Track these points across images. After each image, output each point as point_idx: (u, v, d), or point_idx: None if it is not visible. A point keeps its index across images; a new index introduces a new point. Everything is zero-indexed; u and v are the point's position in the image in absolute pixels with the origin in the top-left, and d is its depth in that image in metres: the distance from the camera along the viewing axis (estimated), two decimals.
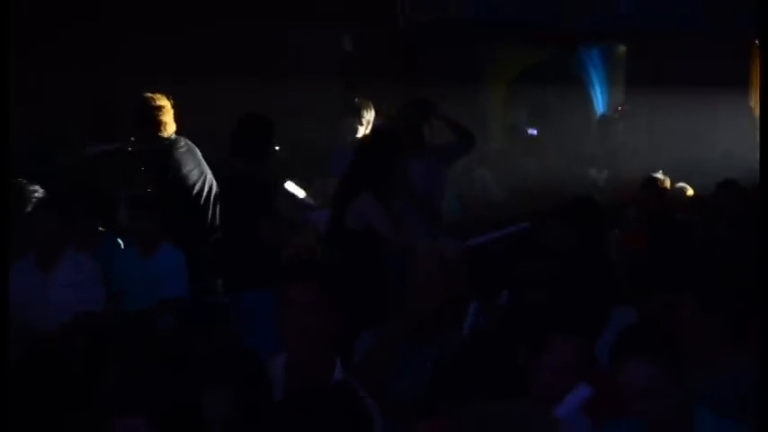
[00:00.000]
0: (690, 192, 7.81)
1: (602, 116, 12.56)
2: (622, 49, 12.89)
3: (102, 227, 6.67)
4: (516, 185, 9.46)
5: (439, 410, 3.39)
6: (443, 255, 4.30)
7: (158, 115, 6.81)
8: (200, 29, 10.63)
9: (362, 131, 7.99)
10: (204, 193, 6.93)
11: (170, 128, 6.87)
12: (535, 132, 11.79)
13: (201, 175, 6.96)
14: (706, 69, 10.89)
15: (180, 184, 6.86)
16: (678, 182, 7.93)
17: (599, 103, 13.61)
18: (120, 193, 7.31)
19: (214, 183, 6.97)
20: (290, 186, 7.29)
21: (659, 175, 7.65)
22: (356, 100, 8.21)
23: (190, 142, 7.00)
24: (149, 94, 6.86)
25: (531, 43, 11.92)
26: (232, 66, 10.56)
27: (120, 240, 6.63)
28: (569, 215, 5.78)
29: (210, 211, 6.90)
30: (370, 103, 8.15)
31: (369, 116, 8.09)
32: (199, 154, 7.03)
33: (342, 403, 2.75)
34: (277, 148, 7.67)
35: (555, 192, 8.66)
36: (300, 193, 7.35)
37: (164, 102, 6.86)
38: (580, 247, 5.50)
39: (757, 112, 11.59)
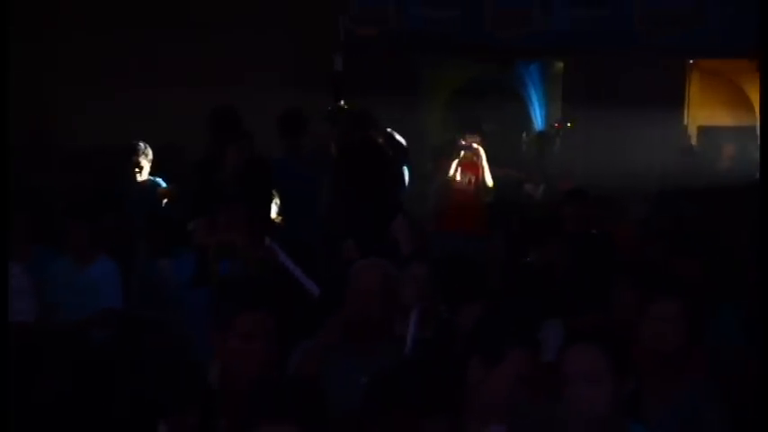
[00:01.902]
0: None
1: (540, 132, 12.69)
2: (559, 65, 13.04)
3: (38, 237, 6.57)
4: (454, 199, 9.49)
5: (372, 426, 3.37)
6: (382, 269, 4.33)
7: None
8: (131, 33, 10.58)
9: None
10: None
11: None
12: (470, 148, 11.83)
13: None
14: (641, 86, 11.07)
15: None
16: (610, 196, 8.03)
17: (537, 118, 13.75)
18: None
19: None
20: None
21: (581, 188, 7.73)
22: (338, 105, 8.38)
23: None
24: None
25: (470, 59, 12.00)
26: (176, 66, 10.53)
27: (54, 251, 6.54)
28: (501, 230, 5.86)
29: None
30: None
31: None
32: None
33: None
34: None
35: (491, 206, 8.78)
36: None
37: None
38: (511, 261, 5.57)
39: (692, 129, 11.85)
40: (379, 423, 3.25)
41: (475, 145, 10.07)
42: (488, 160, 11.50)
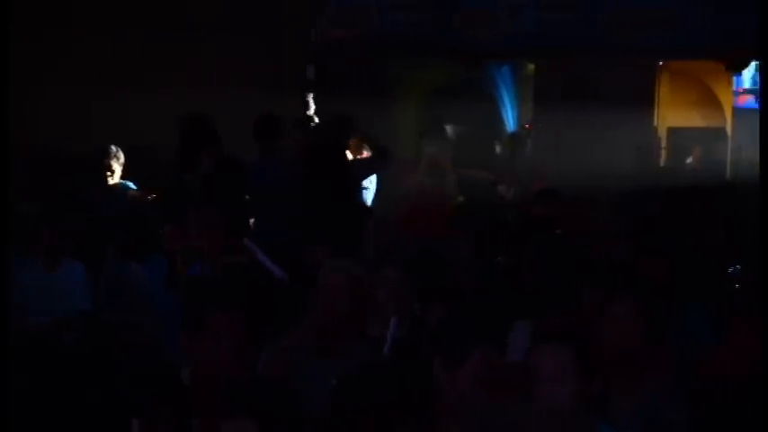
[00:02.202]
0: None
1: (512, 133, 12.74)
2: (531, 67, 13.10)
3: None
4: (424, 201, 9.52)
5: (342, 426, 3.38)
6: (350, 272, 4.34)
7: None
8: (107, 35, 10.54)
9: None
10: None
11: None
12: (435, 149, 11.88)
13: None
14: (612, 88, 11.13)
15: None
16: (581, 197, 8.07)
17: (509, 120, 13.80)
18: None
19: None
20: None
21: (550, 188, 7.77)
22: (309, 114, 8.45)
23: None
24: None
25: (442, 61, 12.03)
26: (150, 69, 10.49)
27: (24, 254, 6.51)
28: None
29: None
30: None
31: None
32: None
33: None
34: None
35: (463, 207, 8.80)
36: None
37: None
38: (479, 262, 5.60)
39: (661, 131, 11.93)
40: (348, 423, 3.26)
41: (439, 148, 10.13)
42: (461, 162, 11.58)
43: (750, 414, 2.86)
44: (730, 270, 6.11)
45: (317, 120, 8.87)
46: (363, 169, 7.75)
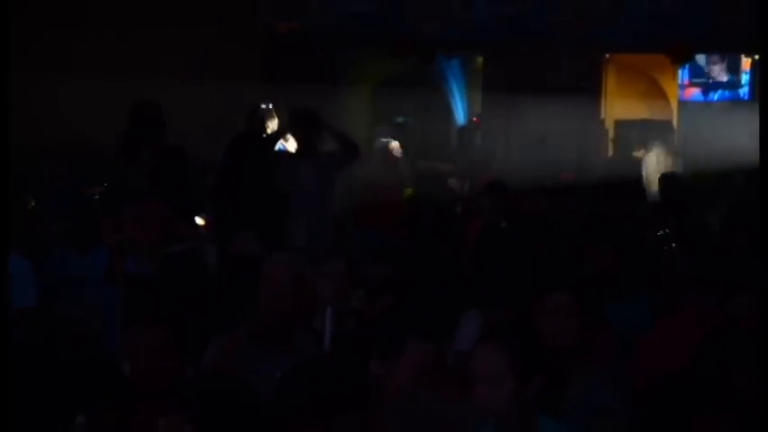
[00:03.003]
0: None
1: (461, 126, 12.77)
2: (480, 60, 13.13)
3: None
4: (377, 193, 9.52)
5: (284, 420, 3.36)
6: (293, 264, 4.32)
7: None
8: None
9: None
10: None
11: None
12: (394, 141, 11.89)
13: None
14: (559, 80, 11.20)
15: None
16: (531, 189, 8.11)
17: (459, 112, 13.83)
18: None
19: None
20: None
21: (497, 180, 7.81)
22: (263, 107, 8.46)
23: None
24: None
25: (391, 52, 12.02)
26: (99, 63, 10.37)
27: None
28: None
29: None
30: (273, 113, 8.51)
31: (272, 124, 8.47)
32: None
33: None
34: None
35: (414, 200, 8.81)
36: None
37: None
38: (427, 253, 5.60)
39: (607, 124, 12.04)
40: (290, 417, 3.24)
41: (391, 140, 10.14)
42: (413, 154, 11.60)
43: (684, 402, 2.87)
44: (659, 233, 6.16)
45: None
46: (331, 162, 7.72)
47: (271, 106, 8.50)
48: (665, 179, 8.59)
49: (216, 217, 7.03)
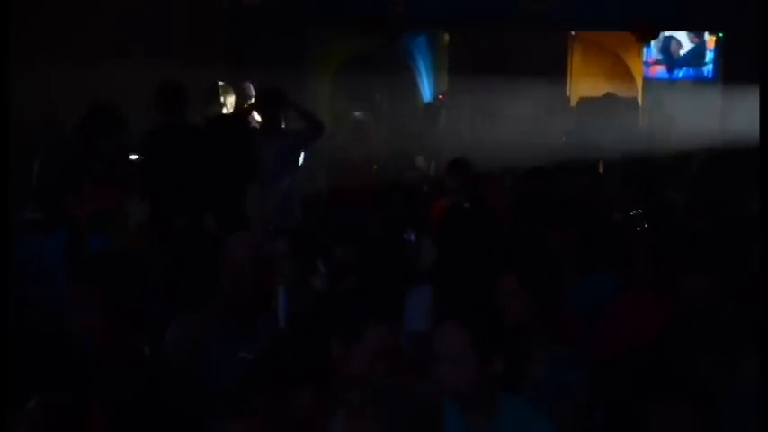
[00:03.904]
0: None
1: (427, 104, 12.74)
2: (446, 37, 13.10)
3: None
4: (344, 172, 9.49)
5: (251, 404, 3.36)
6: (253, 243, 4.30)
7: None
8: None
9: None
10: None
11: None
12: (360, 119, 11.85)
13: None
14: (525, 58, 11.20)
15: None
16: (496, 168, 8.10)
17: (425, 90, 13.80)
18: None
19: None
20: None
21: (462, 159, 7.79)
22: (219, 84, 8.52)
23: None
24: None
25: (358, 30, 11.98)
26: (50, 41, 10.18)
27: None
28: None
29: None
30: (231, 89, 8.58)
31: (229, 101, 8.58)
32: None
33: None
34: None
35: (382, 179, 8.78)
36: None
37: None
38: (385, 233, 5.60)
39: (573, 102, 12.05)
40: (250, 396, 3.26)
41: (363, 118, 10.12)
42: (379, 133, 11.56)
43: (643, 387, 2.88)
44: (632, 213, 6.18)
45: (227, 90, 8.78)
46: (296, 140, 7.77)
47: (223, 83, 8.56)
48: (629, 157, 8.61)
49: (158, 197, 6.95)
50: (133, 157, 7.32)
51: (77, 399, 3.21)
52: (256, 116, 8.34)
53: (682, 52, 12.86)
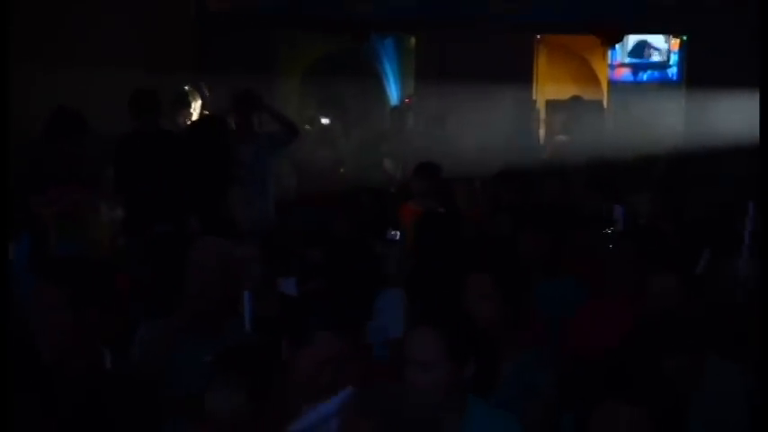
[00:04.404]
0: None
1: (394, 107, 12.75)
2: (413, 39, 13.12)
3: None
4: (312, 175, 9.49)
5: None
6: (217, 247, 4.28)
7: None
8: None
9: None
10: None
11: None
12: (328, 122, 11.87)
13: None
14: (491, 61, 11.23)
15: None
16: (464, 171, 8.11)
17: (392, 93, 13.81)
18: None
19: None
20: None
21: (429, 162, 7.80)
22: (186, 89, 8.41)
23: None
24: None
25: (324, 33, 11.97)
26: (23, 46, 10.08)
27: None
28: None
29: None
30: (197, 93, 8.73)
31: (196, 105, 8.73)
32: None
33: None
34: None
35: (350, 182, 8.78)
36: None
37: None
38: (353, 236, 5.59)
39: (540, 105, 12.11)
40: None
41: (330, 122, 10.13)
42: (347, 136, 11.56)
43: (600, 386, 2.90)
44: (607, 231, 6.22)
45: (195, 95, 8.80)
46: (271, 143, 7.87)
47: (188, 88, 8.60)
48: (593, 160, 8.65)
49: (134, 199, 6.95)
50: (103, 161, 7.30)
51: (43, 403, 3.19)
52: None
53: (646, 55, 12.97)
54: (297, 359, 3.37)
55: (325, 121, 11.99)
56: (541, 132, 11.59)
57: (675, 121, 11.25)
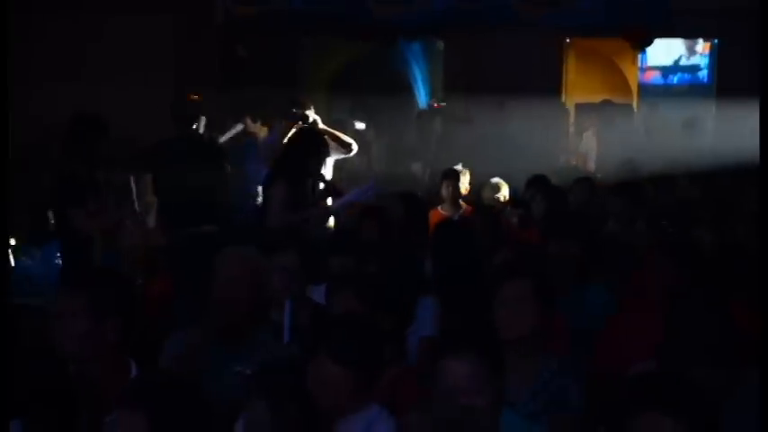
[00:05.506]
0: (504, 188, 7.97)
1: (421, 111, 12.73)
2: (441, 43, 13.10)
3: None
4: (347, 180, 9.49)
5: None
6: (247, 257, 4.27)
7: None
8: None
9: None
10: None
11: None
12: (363, 126, 11.88)
13: None
14: (520, 65, 11.20)
15: None
16: (494, 177, 8.09)
17: (421, 97, 13.80)
18: None
19: None
20: None
21: (459, 167, 7.80)
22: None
23: None
24: None
25: (352, 37, 11.97)
26: (48, 58, 10.14)
27: None
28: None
29: None
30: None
31: None
32: None
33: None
34: None
35: (381, 186, 8.77)
36: None
37: None
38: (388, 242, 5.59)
39: (570, 108, 12.06)
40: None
41: (362, 126, 10.14)
42: (379, 141, 11.57)
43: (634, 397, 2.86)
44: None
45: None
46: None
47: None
48: (622, 165, 8.59)
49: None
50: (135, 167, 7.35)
51: (64, 419, 3.19)
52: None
53: (676, 58, 12.91)
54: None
55: (359, 125, 11.98)
56: (571, 136, 11.53)
57: (706, 125, 11.16)
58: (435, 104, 12.76)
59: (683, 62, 12.88)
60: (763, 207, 5.19)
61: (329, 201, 7.19)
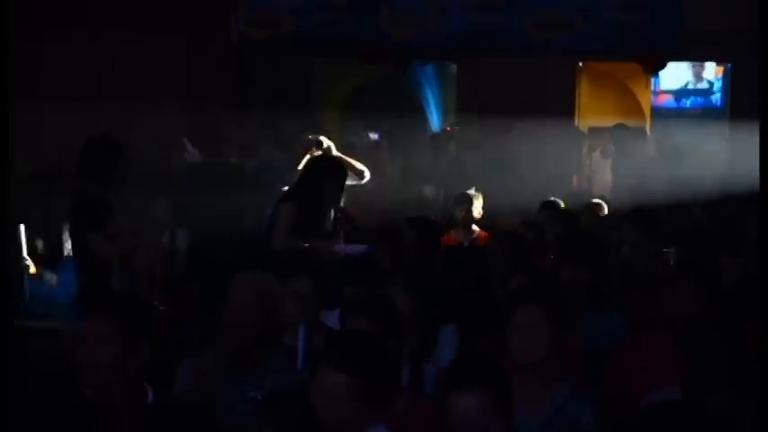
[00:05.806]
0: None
1: (435, 134, 12.75)
2: (454, 67, 13.13)
3: None
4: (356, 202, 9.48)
5: None
6: (258, 281, 4.28)
7: None
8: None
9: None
10: None
11: None
12: (377, 137, 11.88)
13: None
14: (533, 88, 11.22)
15: None
16: (507, 201, 8.09)
17: (434, 120, 13.82)
18: None
19: None
20: None
21: (472, 191, 7.79)
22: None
23: None
24: None
25: (364, 61, 12.01)
26: (63, 82, 10.19)
27: None
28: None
29: None
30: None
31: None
32: None
33: None
34: None
35: (393, 210, 8.77)
36: None
37: None
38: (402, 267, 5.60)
39: (583, 128, 12.06)
40: None
41: (375, 137, 10.11)
42: (392, 163, 11.58)
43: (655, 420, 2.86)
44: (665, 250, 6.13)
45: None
46: None
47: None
48: (636, 189, 8.57)
49: None
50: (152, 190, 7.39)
51: None
52: None
53: (683, 84, 12.93)
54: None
55: (373, 136, 11.97)
56: (584, 159, 11.53)
57: (719, 148, 11.14)
58: (448, 128, 12.78)
59: (691, 87, 12.89)
60: (763, 211, 5.18)
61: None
